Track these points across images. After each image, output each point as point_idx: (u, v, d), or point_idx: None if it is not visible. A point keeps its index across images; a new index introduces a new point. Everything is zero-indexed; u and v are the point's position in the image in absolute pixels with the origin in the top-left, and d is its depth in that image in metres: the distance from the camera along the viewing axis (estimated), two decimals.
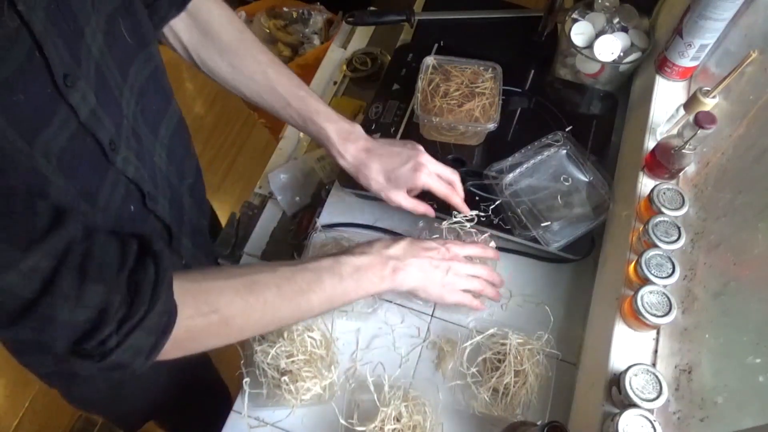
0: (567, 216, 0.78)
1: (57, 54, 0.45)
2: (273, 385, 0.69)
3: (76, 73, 0.48)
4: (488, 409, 0.69)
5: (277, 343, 0.69)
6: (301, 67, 1.58)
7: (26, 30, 0.42)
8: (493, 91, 0.83)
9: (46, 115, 0.47)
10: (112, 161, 0.57)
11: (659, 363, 0.62)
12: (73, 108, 0.49)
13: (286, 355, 0.69)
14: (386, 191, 0.74)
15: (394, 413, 0.67)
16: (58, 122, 0.48)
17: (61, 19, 0.46)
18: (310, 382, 0.68)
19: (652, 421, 0.55)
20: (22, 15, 0.41)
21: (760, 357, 0.49)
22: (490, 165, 0.82)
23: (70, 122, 0.49)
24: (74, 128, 0.50)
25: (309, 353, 0.70)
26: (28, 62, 0.43)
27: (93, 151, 0.54)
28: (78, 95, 0.49)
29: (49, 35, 0.44)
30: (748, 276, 0.55)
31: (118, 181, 0.59)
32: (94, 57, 0.52)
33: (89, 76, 0.51)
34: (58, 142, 0.49)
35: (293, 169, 0.95)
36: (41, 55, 0.44)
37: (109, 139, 0.55)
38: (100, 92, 0.53)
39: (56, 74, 0.46)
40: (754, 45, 0.66)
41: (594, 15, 0.90)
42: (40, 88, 0.45)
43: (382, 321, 0.78)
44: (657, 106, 0.80)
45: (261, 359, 0.69)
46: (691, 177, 0.73)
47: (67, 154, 0.50)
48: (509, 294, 0.79)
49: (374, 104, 0.90)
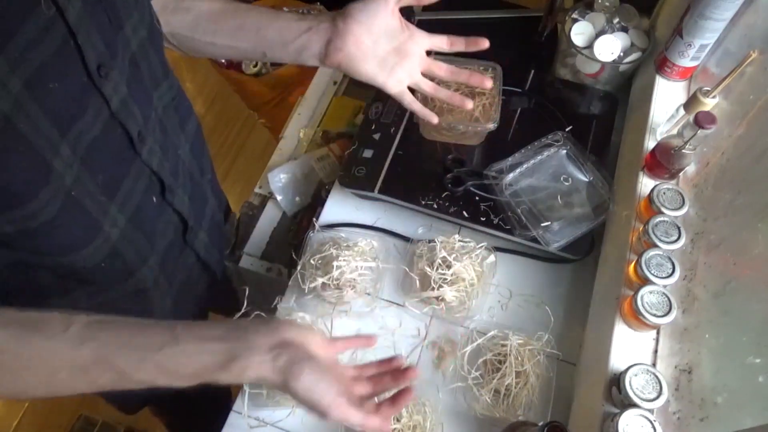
0: (567, 216, 0.78)
1: (91, 44, 0.46)
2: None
3: (109, 63, 0.49)
4: (490, 411, 0.69)
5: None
6: (301, 67, 1.58)
7: (62, 19, 0.43)
8: (493, 91, 0.83)
9: (81, 106, 0.47)
10: (139, 152, 0.57)
11: (659, 363, 0.62)
12: (105, 98, 0.49)
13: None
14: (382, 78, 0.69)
15: None
16: (93, 112, 0.49)
17: (99, 10, 0.47)
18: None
19: (652, 421, 0.55)
20: (58, 2, 0.42)
21: (760, 357, 0.49)
22: (490, 165, 0.82)
23: (103, 112, 0.50)
24: (106, 118, 0.50)
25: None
26: (62, 52, 0.43)
27: (121, 142, 0.54)
28: (110, 86, 0.49)
29: (83, 25, 0.45)
30: (748, 276, 0.55)
31: (141, 173, 0.59)
32: (132, 49, 0.53)
33: (123, 67, 0.51)
34: (91, 133, 0.49)
35: (293, 169, 0.95)
36: (75, 45, 0.44)
37: (137, 130, 0.55)
38: (132, 83, 0.53)
39: (89, 64, 0.46)
40: (754, 45, 0.66)
41: (594, 15, 0.90)
42: (75, 77, 0.46)
43: (382, 321, 0.78)
44: (657, 106, 0.80)
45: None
46: (691, 177, 0.73)
47: (97, 144, 0.50)
48: (509, 294, 0.80)
49: (374, 104, 0.90)
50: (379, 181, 0.82)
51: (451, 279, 0.75)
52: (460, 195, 0.81)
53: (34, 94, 0.42)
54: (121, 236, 0.59)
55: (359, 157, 0.84)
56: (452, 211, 0.80)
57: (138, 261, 0.64)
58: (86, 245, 0.55)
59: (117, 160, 0.55)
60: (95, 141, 0.50)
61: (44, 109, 0.43)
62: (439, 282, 0.75)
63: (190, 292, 0.82)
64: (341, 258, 0.77)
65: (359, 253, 0.79)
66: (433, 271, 0.75)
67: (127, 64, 0.52)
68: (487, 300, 0.78)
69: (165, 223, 0.68)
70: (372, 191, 0.82)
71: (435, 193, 0.81)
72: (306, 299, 0.77)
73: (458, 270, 0.75)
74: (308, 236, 0.83)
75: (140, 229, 0.62)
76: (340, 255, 0.77)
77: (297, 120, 1.05)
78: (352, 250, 0.78)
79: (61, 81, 0.44)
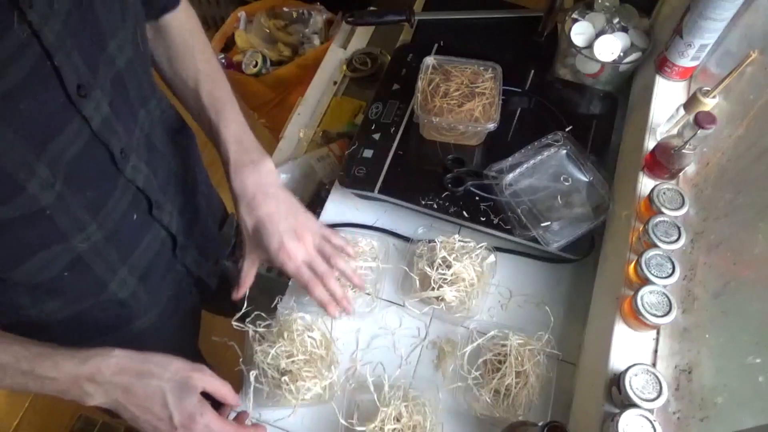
0: (567, 216, 0.78)
1: (70, 64, 0.46)
2: (273, 385, 0.69)
3: (91, 83, 0.49)
4: (490, 411, 0.69)
5: (277, 343, 0.69)
6: (301, 67, 1.58)
7: (37, 41, 0.42)
8: (493, 91, 0.83)
9: (58, 125, 0.47)
10: (122, 170, 0.57)
11: (659, 363, 0.62)
12: (85, 118, 0.49)
13: (286, 355, 0.69)
14: (247, 239, 0.67)
15: (394, 413, 0.67)
16: (71, 132, 0.49)
17: (81, 30, 0.46)
18: (310, 382, 0.68)
19: (652, 421, 0.55)
20: (33, 25, 0.41)
21: (760, 357, 0.49)
22: (490, 165, 0.82)
23: (84, 131, 0.50)
24: (87, 137, 0.51)
25: (309, 353, 0.70)
26: (37, 72, 0.43)
27: (103, 160, 0.54)
28: (92, 105, 0.49)
29: (63, 46, 0.44)
30: (748, 276, 0.55)
31: (126, 190, 0.59)
32: (117, 68, 0.53)
33: (105, 85, 0.51)
34: (70, 152, 0.49)
35: (293, 169, 0.95)
36: (52, 66, 0.44)
37: (120, 148, 0.55)
38: (116, 101, 0.53)
39: (68, 84, 0.46)
40: (754, 45, 0.66)
41: (594, 15, 0.90)
42: (51, 98, 0.46)
43: (382, 321, 0.78)
44: (657, 106, 0.80)
45: (261, 359, 0.69)
46: (691, 177, 0.73)
47: (78, 164, 0.50)
48: (509, 294, 0.80)
49: (374, 104, 0.90)
50: (379, 181, 0.82)
51: (451, 279, 0.75)
52: (460, 195, 0.81)
53: (3, 114, 0.42)
54: (89, 249, 0.58)
55: (359, 157, 0.84)
56: (452, 211, 0.80)
57: (108, 273, 0.63)
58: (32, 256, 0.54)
59: (101, 177, 0.55)
60: (77, 160, 0.50)
61: (15, 130, 0.43)
62: (439, 282, 0.75)
63: (181, 304, 0.82)
64: None
65: (359, 253, 0.79)
66: (433, 271, 0.75)
67: (110, 83, 0.52)
68: (487, 300, 0.78)
69: (151, 238, 0.68)
70: (372, 191, 0.82)
71: (435, 193, 0.81)
72: (306, 299, 0.77)
73: (458, 270, 0.75)
74: None
75: (115, 243, 0.61)
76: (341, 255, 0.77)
77: (297, 120, 1.05)
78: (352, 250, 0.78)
79: (35, 101, 0.44)
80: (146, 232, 0.66)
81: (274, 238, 0.65)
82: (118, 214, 0.59)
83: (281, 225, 0.65)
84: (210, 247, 0.84)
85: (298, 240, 0.66)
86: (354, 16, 1.04)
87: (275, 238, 0.65)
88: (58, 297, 0.61)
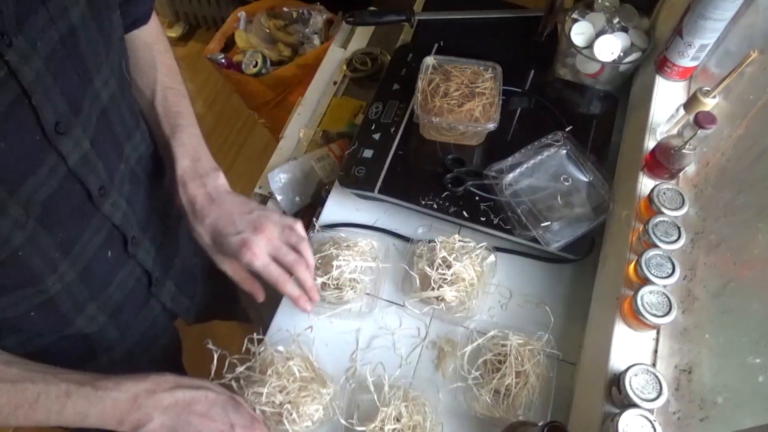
0: (567, 216, 0.78)
1: (49, 102, 0.45)
2: (275, 421, 0.67)
3: (71, 120, 0.47)
4: (490, 411, 0.69)
5: (267, 382, 0.67)
6: (301, 67, 1.58)
7: (14, 80, 0.42)
8: (493, 91, 0.83)
9: (33, 163, 0.46)
10: (98, 207, 0.55)
11: (659, 363, 0.62)
12: (62, 155, 0.48)
13: (278, 389, 0.67)
14: (211, 252, 0.65)
15: (394, 413, 0.67)
16: (46, 170, 0.47)
17: (63, 68, 0.46)
18: (311, 406, 0.67)
19: (652, 421, 0.55)
20: (10, 64, 0.41)
21: (760, 357, 0.49)
22: (490, 165, 0.82)
23: (59, 169, 0.49)
24: (63, 175, 0.49)
25: (300, 379, 0.68)
26: (13, 111, 0.42)
27: (79, 198, 0.53)
28: (69, 142, 0.48)
29: (42, 84, 0.43)
30: (748, 276, 0.55)
31: (101, 227, 0.58)
32: (102, 102, 0.52)
33: (89, 122, 0.50)
34: (44, 191, 0.48)
35: (293, 169, 0.95)
36: (30, 104, 0.43)
37: (99, 185, 0.54)
38: (100, 137, 0.52)
39: (45, 122, 0.45)
40: (754, 45, 0.66)
41: (594, 15, 0.90)
42: (27, 135, 0.45)
43: (382, 321, 0.78)
44: (657, 106, 0.80)
45: (254, 401, 0.66)
46: (691, 177, 0.73)
47: (54, 202, 0.49)
48: (509, 294, 0.80)
49: (374, 104, 0.90)
50: (379, 181, 0.82)
51: (451, 279, 0.75)
52: (460, 195, 0.81)
53: None
54: (63, 289, 0.57)
55: (359, 157, 0.84)
56: (452, 211, 0.80)
57: (75, 311, 0.61)
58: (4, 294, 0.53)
59: (76, 215, 0.54)
60: (51, 198, 0.49)
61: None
62: (439, 282, 0.75)
63: (157, 340, 0.80)
64: (341, 258, 0.77)
65: (359, 252, 0.79)
66: (433, 271, 0.75)
67: (95, 119, 0.51)
68: (487, 300, 0.78)
69: (125, 275, 0.66)
70: (372, 191, 0.82)
71: (435, 193, 0.81)
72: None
73: (458, 270, 0.75)
74: (308, 236, 0.83)
75: (87, 282, 0.60)
76: (340, 255, 0.77)
77: (297, 120, 1.05)
78: (352, 250, 0.78)
79: (10, 140, 0.43)
80: (120, 268, 0.64)
81: (234, 239, 0.61)
82: (91, 252, 0.58)
83: (238, 224, 0.62)
84: (187, 281, 0.81)
85: (258, 233, 0.62)
86: (354, 16, 1.04)
87: (234, 238, 0.61)
88: (19, 334, 0.59)
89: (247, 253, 0.61)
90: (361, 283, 0.78)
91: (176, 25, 2.44)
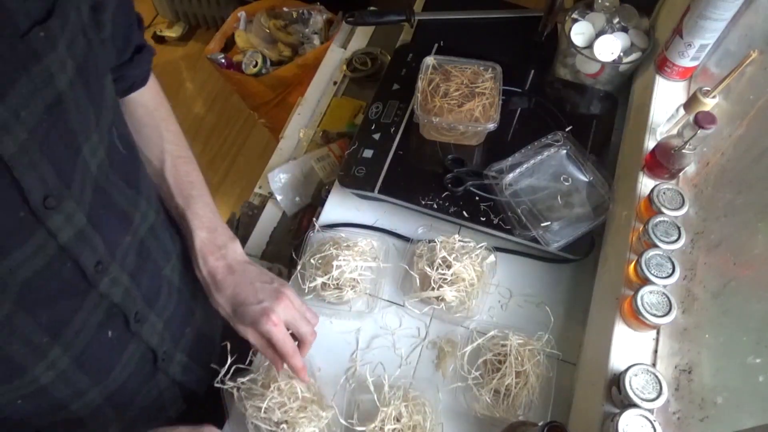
0: (567, 216, 0.78)
1: (36, 176, 0.41)
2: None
3: (62, 194, 0.44)
4: (490, 411, 0.69)
5: (267, 396, 0.66)
6: (301, 67, 1.59)
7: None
8: (493, 91, 0.83)
9: (16, 242, 0.42)
10: (94, 284, 0.51)
11: (659, 363, 0.62)
12: (51, 232, 0.44)
13: (278, 406, 0.66)
14: (233, 321, 0.64)
15: (394, 413, 0.67)
16: (31, 249, 0.43)
17: (52, 136, 0.42)
18: (308, 428, 0.66)
19: (652, 421, 0.55)
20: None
21: (760, 357, 0.49)
22: (490, 165, 0.82)
23: (48, 247, 0.45)
24: (53, 253, 0.45)
25: (301, 398, 0.68)
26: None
27: (70, 276, 0.48)
28: (60, 217, 0.44)
29: (26, 156, 0.40)
30: (748, 276, 0.55)
31: (97, 307, 0.53)
32: (92, 174, 0.48)
33: (82, 195, 0.46)
34: (25, 270, 0.44)
35: (293, 169, 0.95)
36: (12, 178, 0.40)
37: (95, 261, 0.50)
38: (98, 210, 0.48)
39: (31, 197, 0.41)
40: (754, 45, 0.66)
41: (594, 15, 0.90)
42: (9, 212, 0.41)
43: (382, 321, 0.78)
44: (657, 106, 0.80)
45: (252, 414, 0.66)
46: (691, 177, 0.73)
47: (37, 281, 0.45)
48: (509, 294, 0.80)
49: (374, 104, 0.90)
50: (379, 181, 0.82)
51: (451, 279, 0.75)
52: (460, 195, 0.81)
53: None
54: (57, 377, 0.52)
55: (359, 157, 0.84)
56: (452, 211, 0.80)
57: (73, 397, 0.56)
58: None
59: (66, 295, 0.49)
60: (34, 278, 0.44)
61: None
62: (439, 282, 0.75)
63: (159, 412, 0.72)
64: (341, 258, 0.77)
65: (359, 253, 0.79)
66: (433, 271, 0.75)
67: (90, 190, 0.47)
68: (487, 300, 0.78)
69: (128, 355, 0.61)
70: (372, 191, 0.82)
71: (435, 193, 0.81)
72: (306, 299, 0.77)
73: (458, 270, 0.75)
74: (308, 236, 0.83)
75: (85, 367, 0.55)
76: (340, 255, 0.77)
77: (297, 120, 1.05)
78: (352, 250, 0.78)
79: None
80: (124, 349, 0.60)
81: (255, 308, 0.62)
82: (87, 334, 0.53)
83: (259, 293, 0.63)
84: (200, 348, 0.74)
85: (279, 302, 0.62)
86: (354, 16, 1.04)
87: (256, 307, 0.62)
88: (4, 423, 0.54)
89: (267, 322, 0.61)
90: (361, 283, 0.78)
91: (176, 25, 2.44)
